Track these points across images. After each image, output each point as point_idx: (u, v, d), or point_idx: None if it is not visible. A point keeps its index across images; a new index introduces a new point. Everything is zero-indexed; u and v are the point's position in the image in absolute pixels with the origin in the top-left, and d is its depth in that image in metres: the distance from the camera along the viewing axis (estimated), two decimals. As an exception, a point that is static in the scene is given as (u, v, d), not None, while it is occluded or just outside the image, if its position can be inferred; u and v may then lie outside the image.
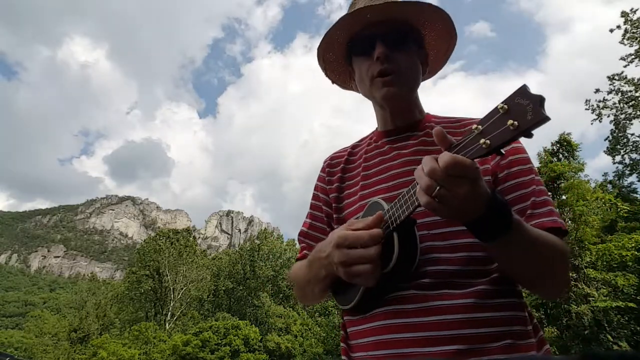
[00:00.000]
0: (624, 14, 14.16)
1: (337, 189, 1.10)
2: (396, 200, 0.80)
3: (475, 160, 0.63)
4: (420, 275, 0.84)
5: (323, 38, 1.05)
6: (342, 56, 1.11)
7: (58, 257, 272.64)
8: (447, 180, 0.63)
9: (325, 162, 1.20)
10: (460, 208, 0.66)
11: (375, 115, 1.14)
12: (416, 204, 0.72)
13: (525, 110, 0.56)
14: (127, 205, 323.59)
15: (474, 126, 0.63)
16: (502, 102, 0.59)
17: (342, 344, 1.00)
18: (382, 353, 0.84)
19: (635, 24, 14.06)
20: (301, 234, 1.16)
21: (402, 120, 1.07)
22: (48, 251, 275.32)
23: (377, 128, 1.15)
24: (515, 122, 0.56)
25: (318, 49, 1.09)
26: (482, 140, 0.61)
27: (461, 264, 0.85)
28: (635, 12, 13.98)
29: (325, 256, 0.86)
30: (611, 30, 14.57)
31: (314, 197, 1.17)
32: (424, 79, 1.11)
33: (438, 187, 0.64)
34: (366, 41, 1.00)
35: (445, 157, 0.63)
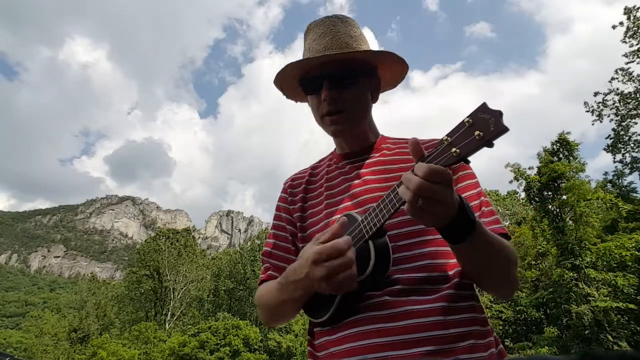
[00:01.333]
0: (627, 11, 14.11)
1: (300, 209, 1.14)
2: (370, 210, 0.86)
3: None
4: (391, 282, 0.90)
5: (276, 74, 1.11)
6: (296, 85, 1.16)
7: (58, 257, 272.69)
8: (428, 189, 0.70)
9: (286, 183, 1.25)
10: (442, 212, 0.73)
11: (333, 140, 1.19)
12: (397, 206, 0.79)
13: (488, 123, 0.65)
14: (127, 205, 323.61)
15: (444, 137, 0.71)
16: (467, 117, 0.68)
17: (308, 359, 1.03)
18: (360, 358, 0.87)
19: (638, 20, 14.01)
20: (264, 254, 1.18)
21: (358, 144, 1.14)
22: (48, 251, 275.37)
23: (335, 150, 1.21)
24: (481, 133, 0.65)
25: (274, 81, 1.15)
26: (452, 150, 0.69)
27: (427, 271, 0.91)
28: (638, 9, 13.93)
29: (303, 276, 0.86)
30: (613, 27, 14.53)
31: (276, 217, 1.21)
32: (382, 91, 1.18)
33: (421, 199, 0.71)
34: (314, 81, 1.06)
35: (423, 168, 0.70)
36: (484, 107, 0.67)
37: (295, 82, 1.15)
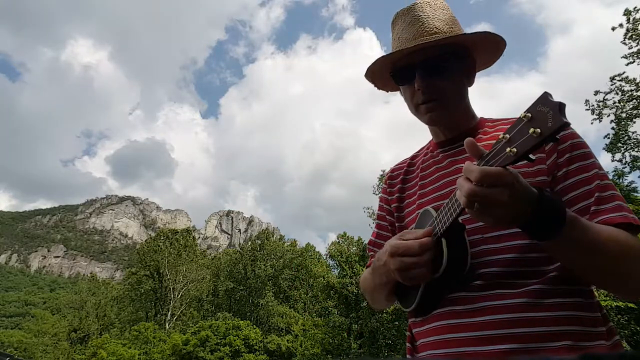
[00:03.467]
0: (626, 12, 14.10)
1: (397, 200, 1.17)
2: (441, 208, 0.85)
3: (508, 166, 0.66)
4: (473, 277, 0.88)
5: (367, 70, 1.11)
6: (387, 76, 1.14)
7: (58, 257, 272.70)
8: (481, 194, 0.67)
9: (387, 174, 1.28)
10: (504, 214, 0.68)
11: (428, 128, 1.17)
12: (458, 211, 0.77)
13: (545, 117, 0.59)
14: (127, 205, 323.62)
15: (502, 135, 0.66)
16: (525, 111, 0.63)
17: (407, 344, 1.08)
18: (440, 352, 0.90)
19: (638, 22, 14.01)
20: (370, 243, 1.25)
21: (454, 131, 1.09)
22: (48, 251, 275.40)
23: (432, 139, 1.18)
24: (538, 130, 0.59)
25: (365, 76, 1.15)
26: (508, 149, 0.64)
27: (514, 265, 0.86)
28: (638, 10, 13.92)
29: (382, 264, 0.93)
30: (613, 29, 14.52)
31: (379, 208, 1.25)
32: (478, 70, 1.12)
33: (475, 203, 0.68)
34: (406, 71, 1.03)
35: (474, 172, 0.67)
36: (544, 99, 0.61)
37: (386, 73, 1.12)
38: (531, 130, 0.60)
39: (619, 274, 0.79)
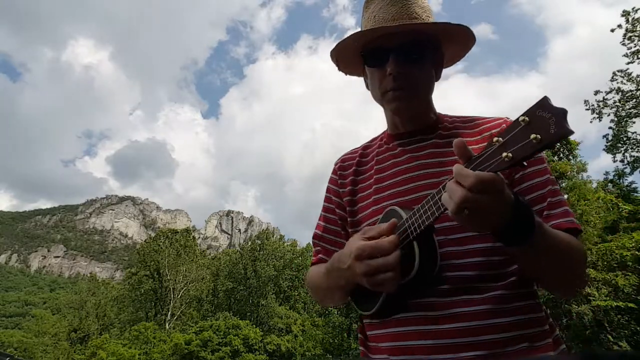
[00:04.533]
0: (625, 13, 14.12)
1: (350, 192, 1.10)
2: (415, 209, 0.80)
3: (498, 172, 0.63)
4: (440, 280, 0.85)
5: (335, 46, 1.05)
6: (355, 57, 1.10)
7: (58, 257, 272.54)
8: (473, 201, 0.63)
9: (336, 164, 1.19)
10: (488, 220, 0.67)
11: (385, 117, 1.12)
12: (437, 214, 0.73)
13: (547, 123, 0.55)
14: (127, 205, 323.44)
15: (495, 138, 0.62)
16: (523, 115, 0.58)
17: (360, 348, 1.02)
18: (400, 359, 0.86)
19: (635, 23, 14.02)
20: (315, 236, 1.16)
21: (414, 124, 1.06)
22: (48, 251, 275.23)
23: (387, 129, 1.13)
24: (538, 136, 0.55)
25: (331, 52, 1.09)
26: (504, 154, 0.60)
27: (479, 269, 0.85)
28: (636, 11, 13.94)
29: (346, 267, 0.86)
30: (612, 30, 14.54)
31: (327, 199, 1.17)
32: (438, 78, 1.09)
33: (465, 209, 0.65)
34: (379, 53, 0.98)
35: (469, 177, 0.63)
36: (544, 104, 0.57)
37: (354, 54, 1.07)
38: (532, 136, 0.56)
39: (569, 275, 0.83)
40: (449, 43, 1.04)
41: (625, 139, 15.79)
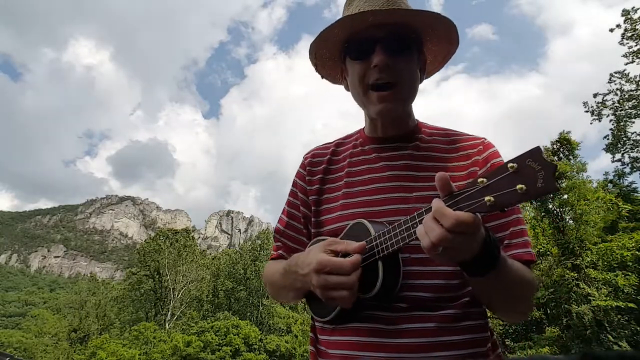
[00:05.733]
0: (624, 13, 14.13)
1: (317, 191, 1.05)
2: (386, 230, 0.79)
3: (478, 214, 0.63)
4: (398, 299, 0.85)
5: (318, 35, 0.98)
6: (336, 53, 1.04)
7: (58, 257, 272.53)
8: (450, 241, 0.63)
9: (305, 158, 1.13)
10: (460, 256, 0.68)
11: (365, 118, 1.07)
12: (407, 241, 0.74)
13: (536, 176, 0.54)
14: (127, 205, 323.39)
15: (480, 179, 0.61)
16: (512, 161, 0.57)
17: (310, 347, 1.00)
18: None
19: (635, 22, 14.03)
20: (277, 231, 1.12)
21: (393, 130, 1.02)
22: (48, 251, 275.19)
23: (363, 129, 1.09)
24: (524, 187, 0.55)
25: (311, 44, 1.02)
26: (487, 198, 0.59)
27: (437, 291, 0.85)
28: (636, 10, 13.94)
29: (302, 274, 0.87)
30: (611, 30, 14.55)
31: (292, 194, 1.12)
32: (427, 75, 1.06)
33: (441, 247, 0.65)
34: (365, 44, 0.93)
35: (449, 219, 0.62)
36: (535, 154, 0.56)
37: (335, 50, 1.02)
38: (518, 186, 0.55)
39: (518, 305, 0.86)
40: (433, 41, 1.00)
41: (625, 139, 15.80)
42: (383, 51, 0.91)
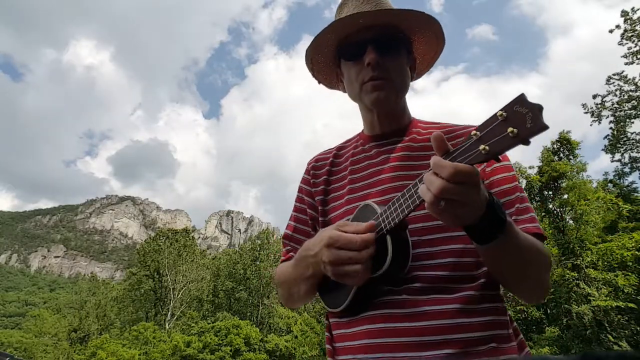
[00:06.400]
0: (624, 13, 14.14)
1: (322, 192, 1.09)
2: (390, 204, 0.80)
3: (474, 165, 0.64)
4: (410, 280, 0.86)
5: (313, 40, 1.04)
6: (330, 58, 1.11)
7: (58, 257, 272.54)
8: (451, 191, 0.63)
9: (309, 163, 1.19)
10: (464, 214, 0.68)
11: (362, 118, 1.13)
12: (412, 207, 0.74)
13: (524, 118, 0.56)
14: (127, 205, 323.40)
15: (473, 132, 0.63)
16: (500, 110, 0.60)
17: (327, 346, 1.00)
18: (371, 357, 0.84)
19: (634, 23, 14.04)
20: (285, 236, 1.16)
21: (390, 125, 1.07)
22: (48, 251, 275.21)
23: (363, 130, 1.14)
24: (515, 130, 0.57)
25: (307, 50, 1.08)
26: (481, 147, 0.61)
27: (450, 270, 0.86)
28: (635, 11, 13.95)
29: (313, 254, 0.87)
30: (611, 31, 14.56)
31: (298, 199, 1.17)
32: (410, 82, 1.11)
33: (442, 200, 0.65)
34: (357, 46, 1.00)
35: (446, 168, 0.63)
36: (521, 100, 0.58)
37: (329, 55, 1.09)
38: (509, 129, 0.57)
39: (534, 279, 0.84)
40: (421, 40, 1.07)
41: (625, 139, 15.81)
42: (374, 50, 0.97)
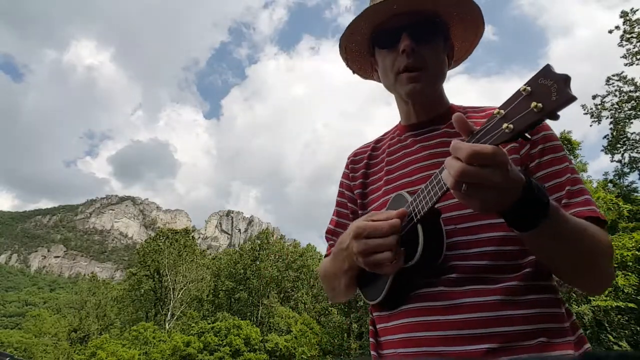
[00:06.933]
0: (623, 14, 14.13)
1: (361, 185, 1.09)
2: (418, 192, 0.77)
3: (500, 145, 0.60)
4: (447, 270, 0.82)
5: (347, 28, 1.02)
6: (364, 47, 1.08)
7: (58, 257, 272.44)
8: (471, 174, 0.59)
9: (348, 158, 1.18)
10: (493, 198, 0.62)
11: (398, 108, 1.10)
12: (440, 194, 0.70)
13: (549, 90, 0.53)
14: (127, 205, 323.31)
15: (496, 110, 0.59)
16: (524, 84, 0.56)
17: (371, 339, 1.00)
18: (411, 351, 0.83)
19: (633, 24, 14.04)
20: (328, 231, 1.16)
21: (427, 113, 1.03)
22: (48, 251, 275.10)
23: (400, 122, 1.12)
24: (539, 104, 0.53)
25: (341, 38, 1.06)
26: (504, 125, 0.57)
27: (490, 259, 0.81)
28: (635, 12, 13.96)
29: (345, 247, 0.86)
30: (610, 32, 14.56)
31: (339, 194, 1.16)
32: (448, 69, 1.07)
33: (464, 184, 0.61)
34: (391, 33, 0.96)
35: (463, 149, 0.59)
36: (546, 71, 0.54)
37: (363, 43, 1.06)
38: (533, 104, 0.53)
39: (590, 267, 0.76)
40: (459, 25, 1.02)
41: (625, 139, 15.81)
42: (409, 37, 0.93)
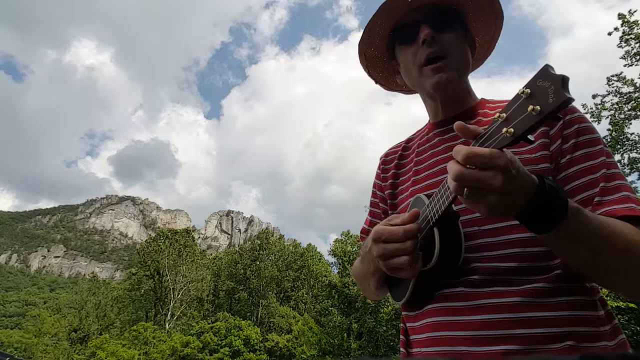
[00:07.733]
0: (621, 16, 14.17)
1: (391, 186, 1.09)
2: (433, 195, 0.78)
3: (504, 149, 0.58)
4: (470, 271, 0.81)
5: (363, 31, 1.01)
6: (384, 50, 1.07)
7: (58, 257, 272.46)
8: (470, 178, 0.59)
9: (380, 158, 1.18)
10: (497, 202, 0.60)
11: (425, 107, 1.08)
12: (450, 198, 0.70)
13: (546, 92, 0.52)
14: (127, 205, 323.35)
15: (498, 114, 0.58)
16: (524, 87, 0.55)
17: (401, 337, 1.01)
18: (435, 350, 0.83)
19: (632, 25, 14.08)
20: (363, 231, 1.18)
21: (454, 109, 1.00)
22: (48, 251, 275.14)
23: (429, 120, 1.10)
24: (537, 107, 0.52)
25: (359, 44, 1.04)
26: (504, 129, 0.57)
27: (515, 261, 0.79)
28: (633, 13, 13.99)
29: (368, 250, 0.86)
30: (609, 33, 14.60)
31: (372, 194, 1.17)
32: (471, 70, 1.04)
33: (465, 188, 0.60)
34: (410, 27, 0.95)
35: (461, 152, 0.59)
36: (544, 73, 0.53)
37: (382, 46, 1.04)
38: (530, 107, 0.53)
39: (623, 271, 0.70)
40: (477, 18, 1.00)
41: (624, 140, 15.84)
42: (428, 27, 0.92)
